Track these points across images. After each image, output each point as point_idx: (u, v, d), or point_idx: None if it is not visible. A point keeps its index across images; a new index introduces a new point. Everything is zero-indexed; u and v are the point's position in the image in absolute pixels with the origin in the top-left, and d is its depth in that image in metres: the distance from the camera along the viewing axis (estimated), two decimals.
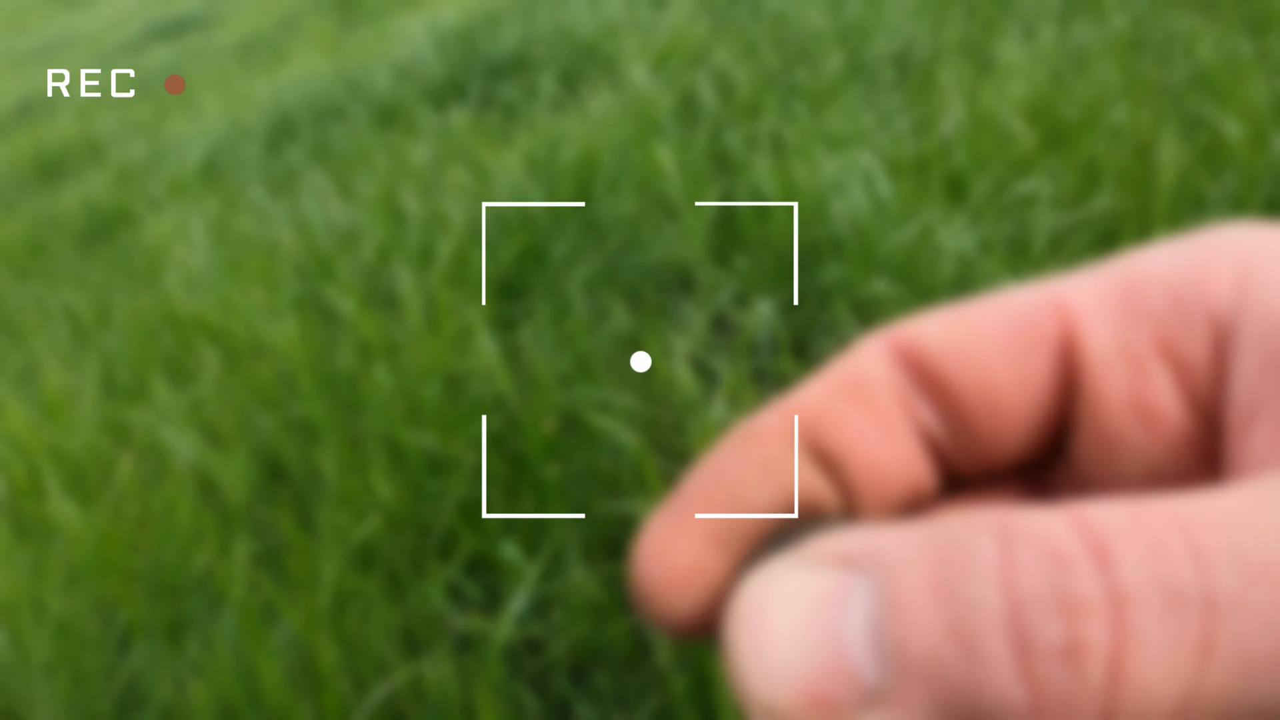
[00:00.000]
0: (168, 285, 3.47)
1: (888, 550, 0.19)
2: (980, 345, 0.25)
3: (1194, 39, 3.87)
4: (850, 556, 0.19)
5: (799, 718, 0.18)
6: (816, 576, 0.19)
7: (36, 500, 2.59)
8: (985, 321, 0.25)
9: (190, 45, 10.88)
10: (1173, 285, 0.23)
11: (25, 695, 2.06)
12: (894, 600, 0.18)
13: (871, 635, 0.18)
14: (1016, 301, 0.25)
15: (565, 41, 4.81)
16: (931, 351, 0.25)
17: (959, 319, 0.25)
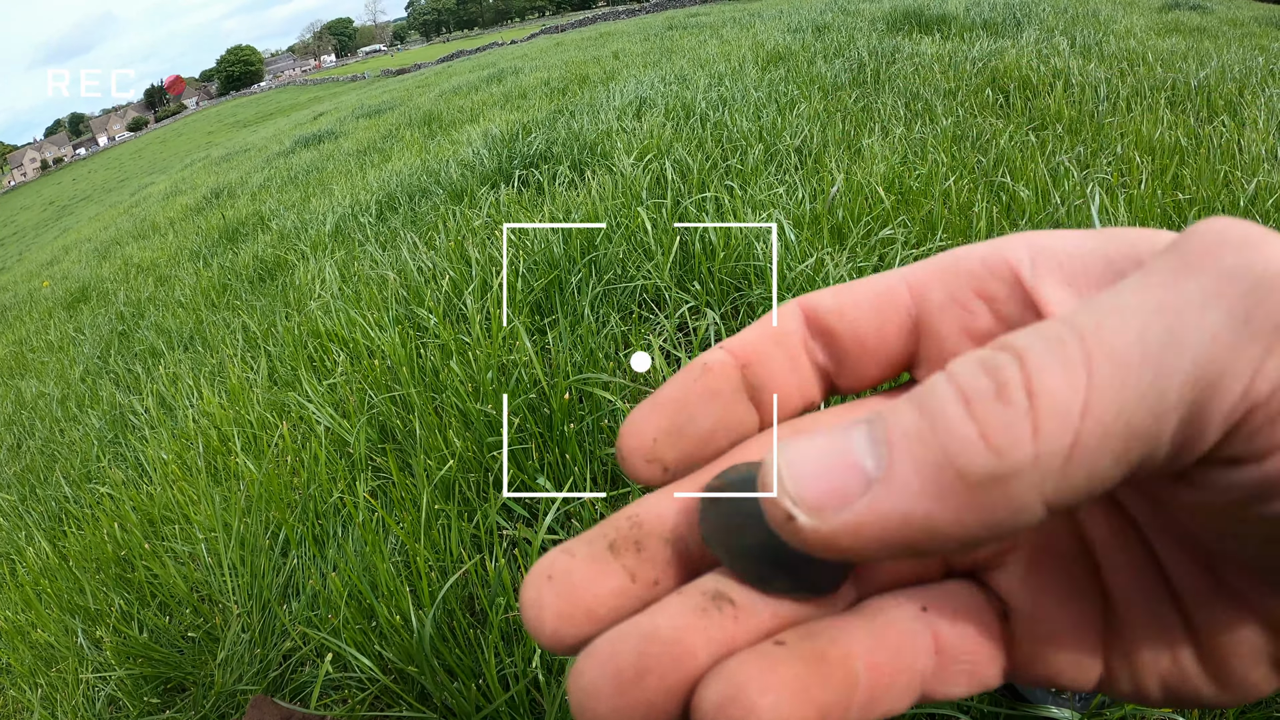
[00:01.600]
0: (311, 310, 3.46)
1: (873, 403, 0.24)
2: (855, 309, 0.28)
3: (997, 134, 3.88)
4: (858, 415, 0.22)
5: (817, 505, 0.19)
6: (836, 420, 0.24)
7: (225, 456, 2.58)
8: (859, 293, 0.28)
9: (325, 150, 10.86)
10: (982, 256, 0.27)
11: (220, 587, 2.05)
12: (887, 414, 0.20)
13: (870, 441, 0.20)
14: (881, 280, 0.28)
15: (576, 142, 4.80)
16: (824, 313, 0.28)
17: (843, 291, 0.28)
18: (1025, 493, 0.18)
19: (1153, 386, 0.17)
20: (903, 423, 0.19)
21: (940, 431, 0.18)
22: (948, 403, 0.19)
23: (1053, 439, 0.17)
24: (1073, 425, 0.17)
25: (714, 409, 0.27)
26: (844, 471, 0.19)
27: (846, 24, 9.15)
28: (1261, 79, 4.73)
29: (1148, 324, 0.18)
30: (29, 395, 4.89)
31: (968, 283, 0.26)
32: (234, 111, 73.23)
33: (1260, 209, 2.63)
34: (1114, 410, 0.17)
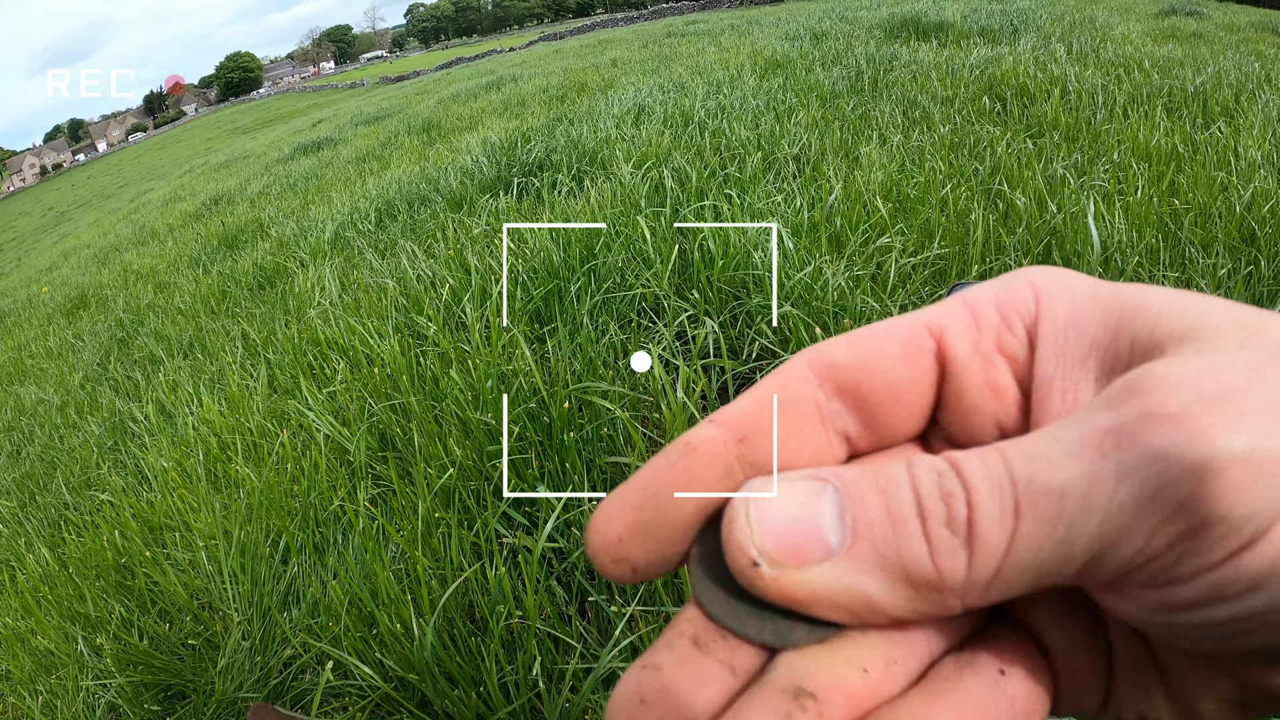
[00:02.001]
0: (310, 318, 3.46)
1: (843, 473, 0.24)
2: (883, 359, 0.27)
3: (994, 141, 3.89)
4: (820, 475, 0.24)
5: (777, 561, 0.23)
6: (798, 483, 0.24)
7: (225, 464, 2.59)
8: (882, 343, 0.27)
9: (324, 157, 10.87)
10: (999, 305, 0.27)
11: (220, 595, 2.06)
12: (854, 497, 0.23)
13: (837, 517, 0.23)
14: (901, 326, 0.27)
15: (575, 150, 4.81)
16: (846, 368, 0.27)
17: (860, 342, 0.27)
18: (951, 598, 0.23)
19: (1063, 540, 0.21)
20: (868, 515, 0.23)
21: (900, 539, 0.22)
22: (909, 515, 0.22)
23: (980, 570, 0.22)
24: (997, 561, 0.22)
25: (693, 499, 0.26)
26: (808, 537, 0.23)
27: (844, 31, 9.18)
28: (1258, 85, 4.75)
29: (1071, 487, 0.21)
30: (29, 402, 4.89)
31: (992, 336, 0.27)
32: (233, 118, 73.28)
33: (1256, 214, 2.64)
34: (1030, 554, 0.21)
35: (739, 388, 2.29)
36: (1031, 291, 0.27)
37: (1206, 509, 0.20)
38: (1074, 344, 0.25)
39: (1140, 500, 0.20)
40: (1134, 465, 0.20)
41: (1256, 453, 0.20)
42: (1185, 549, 0.20)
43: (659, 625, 1.48)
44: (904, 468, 0.23)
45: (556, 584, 1.75)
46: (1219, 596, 0.21)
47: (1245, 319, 0.23)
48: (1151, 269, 2.45)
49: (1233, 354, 0.22)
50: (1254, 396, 0.20)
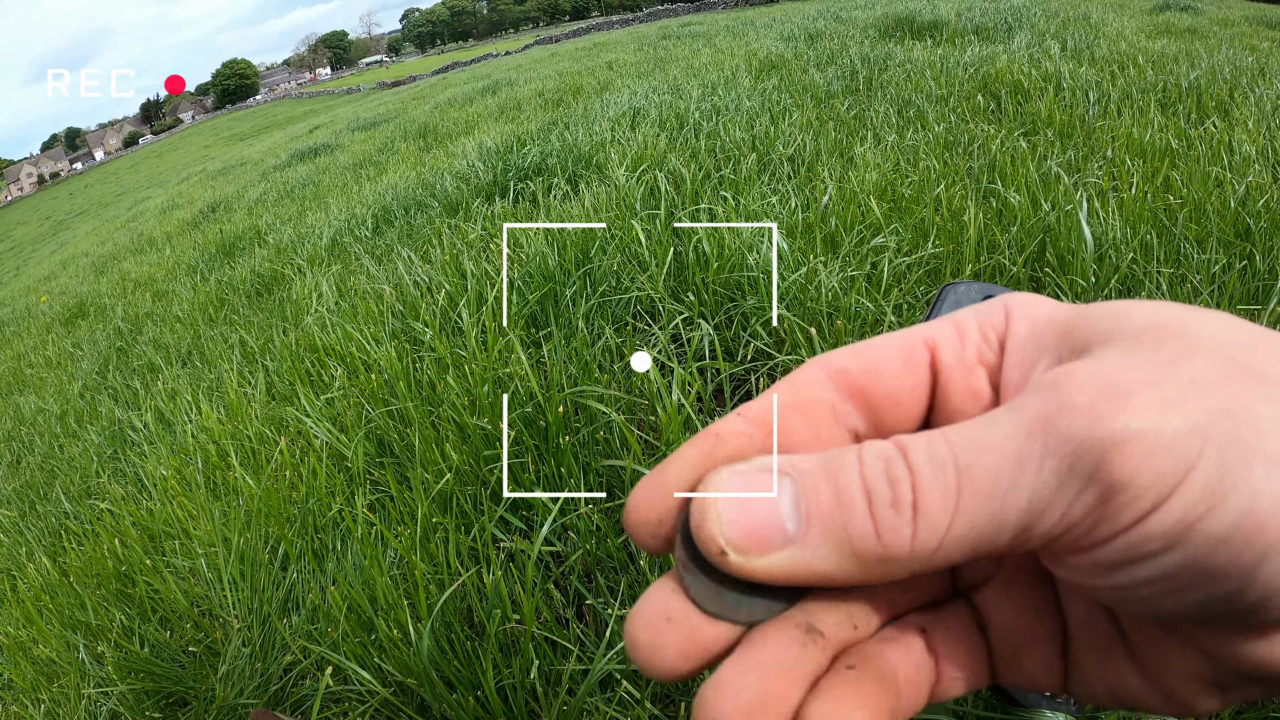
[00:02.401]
0: (308, 325, 3.47)
1: (799, 462, 0.27)
2: (887, 368, 0.31)
3: (988, 140, 3.89)
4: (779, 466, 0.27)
5: (743, 549, 0.26)
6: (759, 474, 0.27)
7: (223, 471, 2.59)
8: (885, 353, 0.31)
9: (320, 164, 10.87)
10: (979, 324, 0.31)
11: (220, 602, 2.06)
12: (807, 487, 0.26)
13: (793, 505, 0.26)
14: (902, 340, 0.31)
15: (570, 154, 4.81)
16: (857, 375, 0.31)
17: (867, 353, 0.31)
18: (897, 568, 0.26)
19: (997, 515, 0.24)
20: (819, 501, 0.26)
21: (847, 522, 0.25)
22: (856, 498, 0.25)
23: (924, 543, 0.25)
24: (939, 535, 0.25)
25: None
26: (769, 526, 0.26)
27: (839, 31, 9.19)
28: (1251, 79, 4.75)
29: (1002, 469, 0.24)
30: (28, 411, 4.90)
31: (973, 351, 0.31)
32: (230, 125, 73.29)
33: (1251, 209, 2.64)
34: (968, 527, 0.25)
35: (734, 390, 2.30)
36: (1004, 313, 0.31)
37: (1111, 478, 0.23)
38: (1030, 354, 0.29)
39: (1060, 474, 0.24)
40: (1054, 446, 0.24)
41: (1149, 431, 0.23)
42: (1099, 514, 0.24)
43: None
44: (854, 454, 0.27)
45: (554, 587, 1.76)
46: (1137, 555, 0.24)
47: (1167, 321, 0.26)
48: (1146, 265, 2.45)
49: (1146, 353, 0.25)
50: (1153, 391, 0.24)
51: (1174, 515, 0.23)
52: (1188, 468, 0.23)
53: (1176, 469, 0.23)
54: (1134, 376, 0.24)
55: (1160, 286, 2.31)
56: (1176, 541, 0.23)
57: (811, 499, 0.26)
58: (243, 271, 5.48)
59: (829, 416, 0.30)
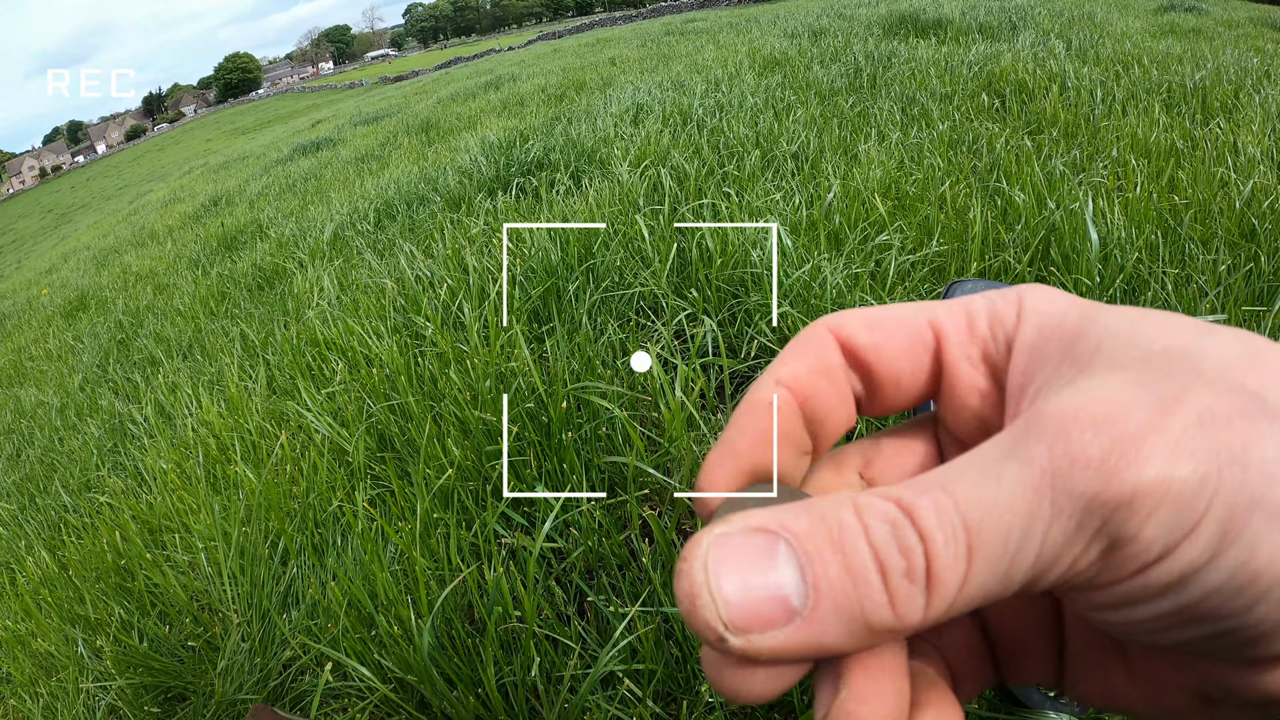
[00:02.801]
0: (309, 319, 3.46)
1: (792, 523, 0.25)
2: (891, 347, 0.31)
3: (993, 138, 3.88)
4: (765, 525, 0.25)
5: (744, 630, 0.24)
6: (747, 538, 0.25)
7: (224, 465, 2.59)
8: (892, 331, 0.31)
9: (323, 158, 10.87)
10: (990, 319, 0.31)
11: (220, 597, 2.05)
12: (811, 555, 0.24)
13: (798, 577, 0.24)
14: (910, 320, 0.32)
15: (573, 149, 4.80)
16: (862, 349, 0.31)
17: (876, 325, 0.32)
18: (905, 632, 0.25)
19: (1007, 572, 0.24)
20: (828, 574, 0.24)
21: (861, 594, 0.24)
22: (869, 571, 0.24)
23: (936, 609, 0.24)
24: (951, 599, 0.24)
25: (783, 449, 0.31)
26: (771, 603, 0.24)
27: (843, 29, 9.17)
28: (1257, 80, 4.74)
29: (1012, 529, 0.24)
30: (28, 404, 4.89)
31: (980, 344, 0.31)
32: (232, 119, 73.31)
33: (1256, 210, 2.63)
34: (979, 586, 0.24)
35: (737, 386, 2.29)
36: (1016, 310, 0.30)
37: (1121, 533, 0.23)
38: (1035, 362, 0.29)
39: (1068, 531, 0.24)
40: (1063, 504, 0.24)
41: (1160, 484, 0.23)
42: (1104, 564, 0.24)
43: (655, 626, 1.48)
44: (854, 516, 0.25)
45: (555, 584, 1.75)
46: (1136, 600, 0.24)
47: (1171, 347, 0.26)
48: (1151, 265, 2.44)
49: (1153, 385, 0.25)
50: (1161, 437, 0.23)
51: (1178, 568, 0.23)
52: (1195, 522, 0.23)
53: (1184, 524, 0.23)
54: (1141, 417, 0.24)
55: (1165, 287, 2.30)
56: (1173, 590, 0.24)
57: (819, 572, 0.24)
58: (244, 265, 5.47)
59: (844, 381, 0.32)
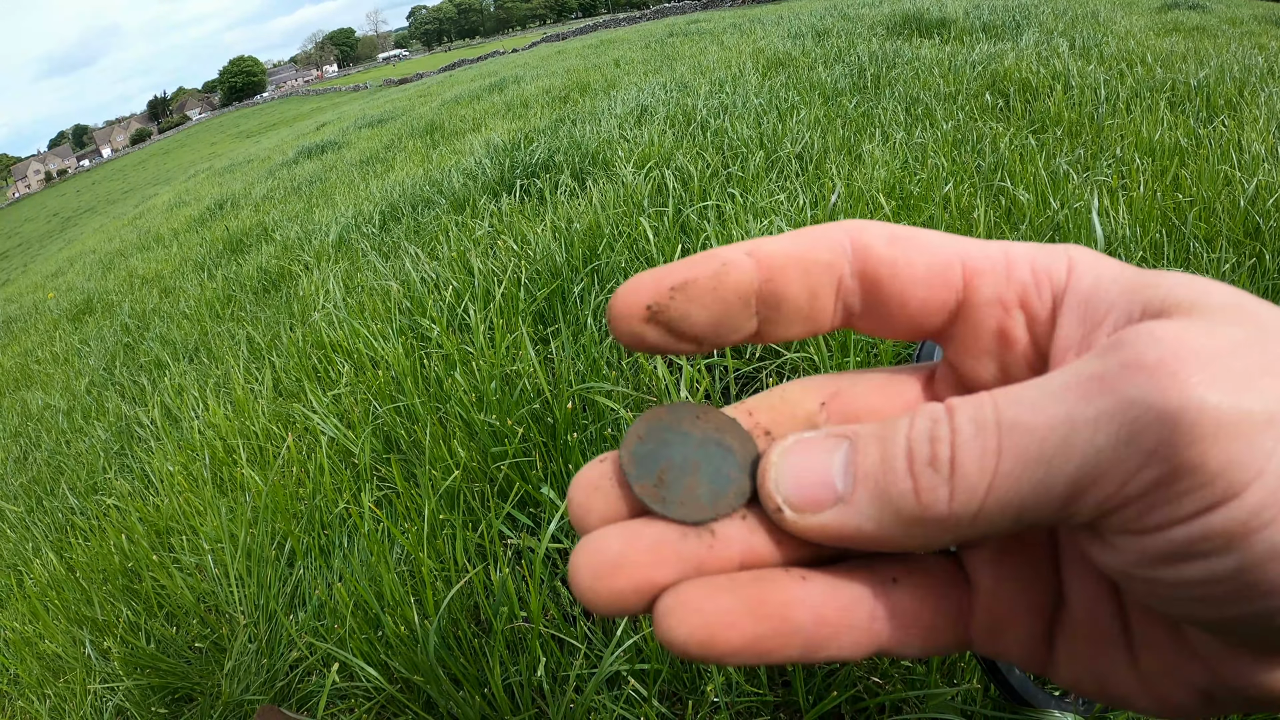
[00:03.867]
0: (315, 321, 3.47)
1: (860, 429, 0.27)
2: (910, 272, 0.29)
3: (997, 137, 3.88)
4: (842, 432, 0.27)
5: (798, 507, 0.27)
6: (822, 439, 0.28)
7: (230, 467, 2.59)
8: (915, 256, 0.29)
9: (327, 161, 10.88)
10: (1034, 265, 0.29)
11: (227, 598, 2.06)
12: (858, 448, 0.26)
13: (843, 468, 0.26)
14: (940, 250, 0.30)
15: (577, 151, 4.81)
16: (877, 264, 0.29)
17: (899, 243, 0.30)
18: (940, 532, 0.25)
19: (1043, 480, 0.23)
20: (866, 462, 0.26)
21: (889, 480, 0.25)
22: (898, 458, 0.25)
23: (962, 505, 0.24)
24: (979, 498, 0.24)
25: (715, 310, 0.29)
26: (821, 486, 0.26)
27: (846, 29, 9.16)
28: (1261, 78, 4.72)
29: (1052, 430, 0.23)
30: (35, 407, 4.90)
31: (1018, 290, 0.29)
32: (237, 122, 73.42)
33: (1260, 208, 2.63)
34: (1010, 492, 0.23)
35: (742, 387, 2.29)
36: (1066, 263, 0.29)
37: (1180, 457, 0.21)
38: (1094, 311, 0.27)
39: (1117, 444, 0.22)
40: (1112, 410, 0.22)
41: (1230, 410, 0.21)
42: (1159, 496, 0.22)
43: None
44: (908, 416, 0.26)
45: (561, 584, 1.75)
46: (1192, 552, 0.22)
47: (1244, 304, 0.24)
48: (1156, 263, 2.44)
49: (1225, 327, 0.23)
50: (1233, 361, 0.22)
51: (1241, 514, 0.21)
52: (1264, 462, 0.21)
53: (1253, 460, 0.21)
54: (1211, 344, 0.22)
55: None
56: (1235, 545, 0.21)
57: (860, 458, 0.26)
58: (250, 268, 5.48)
59: (831, 287, 0.30)
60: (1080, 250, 0.29)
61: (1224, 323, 0.23)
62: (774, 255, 0.29)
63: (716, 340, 0.30)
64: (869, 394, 0.32)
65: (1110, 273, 0.28)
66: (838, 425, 0.28)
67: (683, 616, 0.26)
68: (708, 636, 0.26)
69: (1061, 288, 0.28)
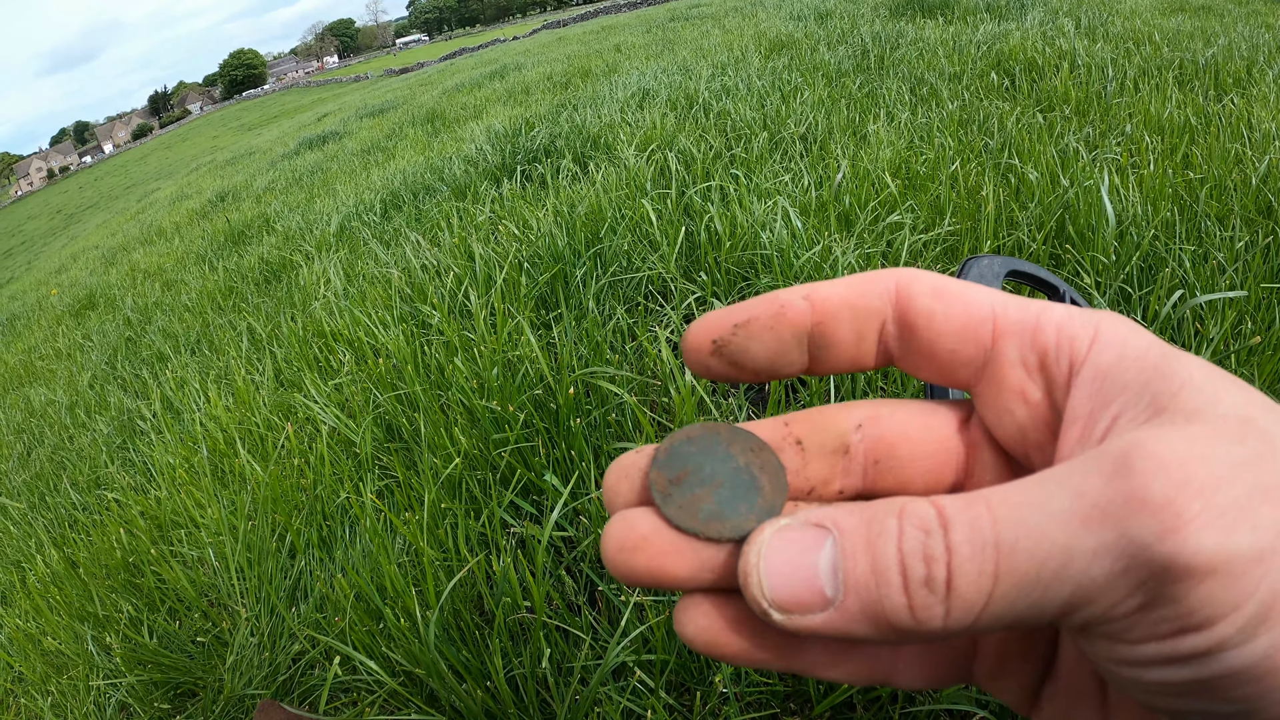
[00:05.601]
0: (316, 310, 3.45)
1: (842, 520, 0.27)
2: (945, 323, 0.31)
3: (1004, 116, 3.84)
4: (822, 521, 0.27)
5: (786, 609, 0.27)
6: (803, 532, 0.27)
7: (231, 459, 2.57)
8: (953, 306, 0.31)
9: (329, 151, 10.87)
10: (1060, 331, 0.29)
11: (229, 592, 2.04)
12: (847, 552, 0.26)
13: (832, 570, 0.26)
14: (975, 305, 0.31)
15: (579, 135, 4.78)
16: (917, 312, 0.31)
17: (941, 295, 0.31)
18: (933, 638, 0.26)
19: (1038, 601, 0.24)
20: (857, 570, 0.26)
21: (882, 594, 0.25)
22: (890, 571, 0.25)
23: (958, 620, 0.25)
24: (974, 614, 0.25)
25: (772, 346, 0.32)
26: (809, 590, 0.26)
27: (849, 10, 9.11)
28: (1270, 56, 4.67)
29: (1050, 557, 0.24)
30: (38, 403, 4.90)
31: (1039, 354, 0.30)
32: (238, 115, 73.46)
33: (1273, 186, 2.59)
34: (1005, 609, 0.24)
35: None
36: (1092, 333, 0.29)
37: (1166, 592, 0.23)
38: (1107, 389, 0.28)
39: (1111, 575, 0.23)
40: (1111, 544, 0.23)
41: (1219, 552, 0.22)
42: (1141, 618, 0.23)
43: (667, 615, 1.45)
44: (896, 520, 0.26)
45: (565, 573, 1.72)
46: (1157, 662, 0.24)
47: (1253, 417, 0.25)
48: (1168, 242, 2.40)
49: (1225, 446, 0.24)
50: (1231, 489, 0.23)
51: (1210, 641, 0.23)
52: (1244, 598, 0.22)
53: (1232, 598, 0.22)
54: (1211, 473, 0.23)
55: (1183, 264, 2.26)
56: (1202, 663, 0.23)
57: (850, 568, 0.26)
58: (251, 259, 5.46)
59: (876, 330, 0.32)
60: (1111, 320, 0.29)
61: (1229, 439, 0.24)
62: (828, 300, 0.31)
63: (772, 373, 0.32)
64: (906, 422, 0.33)
65: (1135, 351, 0.28)
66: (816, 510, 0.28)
67: (694, 616, 0.30)
68: (711, 639, 0.30)
69: (1081, 358, 0.29)
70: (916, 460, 0.33)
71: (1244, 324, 2.01)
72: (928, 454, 0.33)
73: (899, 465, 0.32)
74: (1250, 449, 0.24)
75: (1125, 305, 2.20)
